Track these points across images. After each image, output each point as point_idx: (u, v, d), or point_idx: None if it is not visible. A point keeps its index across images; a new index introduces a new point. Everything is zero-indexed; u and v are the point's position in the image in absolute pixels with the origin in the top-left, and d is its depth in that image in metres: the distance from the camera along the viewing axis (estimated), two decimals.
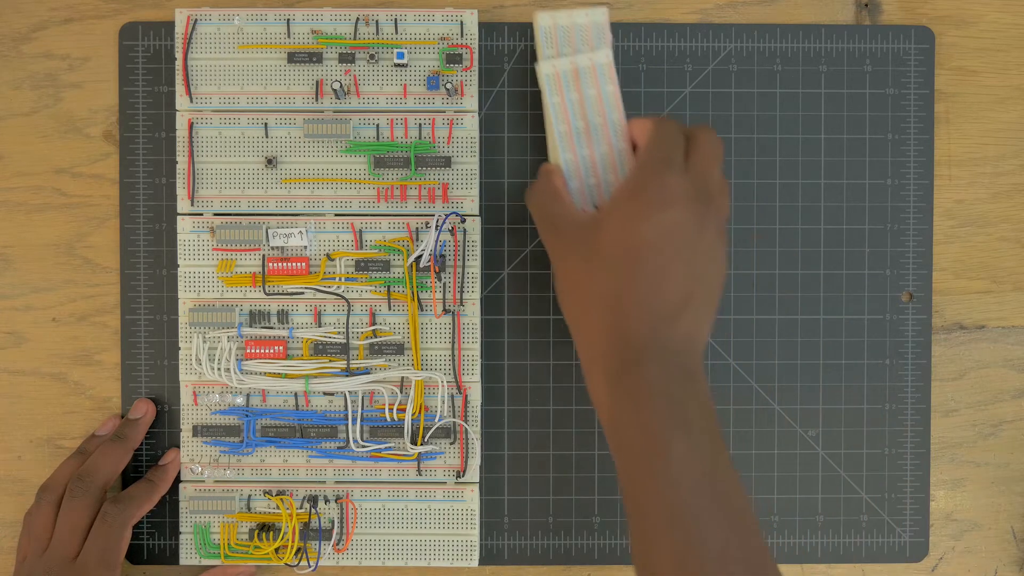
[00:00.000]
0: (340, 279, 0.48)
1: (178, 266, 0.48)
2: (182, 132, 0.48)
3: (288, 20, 0.47)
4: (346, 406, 0.48)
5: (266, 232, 0.47)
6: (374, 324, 0.48)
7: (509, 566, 0.50)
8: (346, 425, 0.48)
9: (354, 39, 0.47)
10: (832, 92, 0.50)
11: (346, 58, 0.47)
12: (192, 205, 0.48)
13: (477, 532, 0.48)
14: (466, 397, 0.48)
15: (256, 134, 0.48)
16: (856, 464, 0.50)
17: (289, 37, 0.47)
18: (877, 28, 0.50)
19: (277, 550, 0.48)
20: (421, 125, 0.48)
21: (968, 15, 0.50)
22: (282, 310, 0.48)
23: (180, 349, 0.48)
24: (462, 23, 0.47)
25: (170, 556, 0.49)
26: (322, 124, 0.47)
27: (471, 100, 0.48)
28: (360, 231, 0.48)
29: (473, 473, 0.48)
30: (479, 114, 0.48)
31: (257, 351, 0.47)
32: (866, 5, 0.50)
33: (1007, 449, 0.51)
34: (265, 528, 0.48)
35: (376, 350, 0.48)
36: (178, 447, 0.49)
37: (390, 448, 0.48)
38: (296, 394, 0.48)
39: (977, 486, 0.51)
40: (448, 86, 0.47)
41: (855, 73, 0.50)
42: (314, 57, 0.47)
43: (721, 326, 0.50)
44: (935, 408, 0.50)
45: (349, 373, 0.47)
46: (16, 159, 0.50)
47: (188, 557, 0.48)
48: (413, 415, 0.47)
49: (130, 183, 0.49)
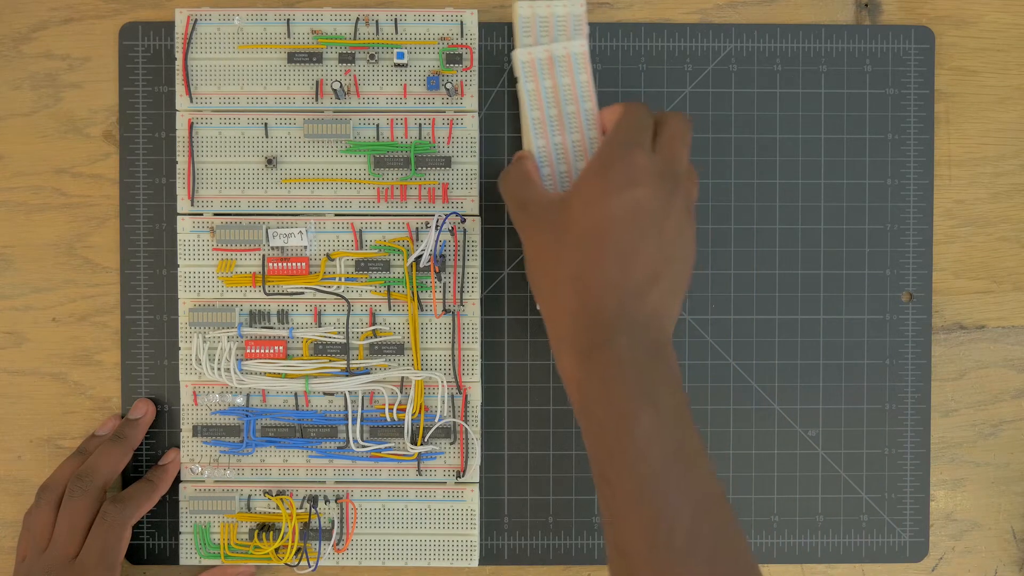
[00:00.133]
0: (340, 279, 0.48)
1: (178, 266, 0.48)
2: (182, 132, 0.48)
3: (288, 20, 0.47)
4: (346, 406, 0.48)
5: (266, 232, 0.47)
6: (374, 324, 0.48)
7: (509, 566, 0.50)
8: (346, 425, 0.48)
9: (354, 39, 0.47)
10: (832, 92, 0.50)
11: (346, 58, 0.47)
12: (192, 205, 0.48)
13: (477, 532, 0.48)
14: (466, 397, 0.48)
15: (256, 134, 0.48)
16: (856, 464, 0.50)
17: (289, 37, 0.47)
18: (877, 28, 0.50)
19: (277, 550, 0.48)
20: (421, 125, 0.48)
21: (968, 15, 0.50)
22: (282, 310, 0.48)
23: (180, 349, 0.48)
24: (462, 23, 0.47)
25: (170, 556, 0.49)
26: (322, 124, 0.47)
27: (471, 100, 0.48)
28: (360, 231, 0.48)
29: (473, 473, 0.48)
30: (479, 114, 0.48)
31: (257, 351, 0.47)
32: (866, 5, 0.50)
33: (1007, 449, 0.51)
34: (265, 528, 0.48)
35: (376, 350, 0.48)
36: (178, 447, 0.49)
37: (390, 448, 0.48)
38: (296, 394, 0.48)
39: (977, 486, 0.51)
40: (448, 86, 0.47)
41: (855, 73, 0.50)
42: (314, 57, 0.47)
43: (721, 326, 0.50)
44: (935, 408, 0.50)
45: (349, 373, 0.47)
46: (16, 159, 0.50)
47: (188, 557, 0.48)
48: (413, 415, 0.47)
49: (130, 183, 0.49)
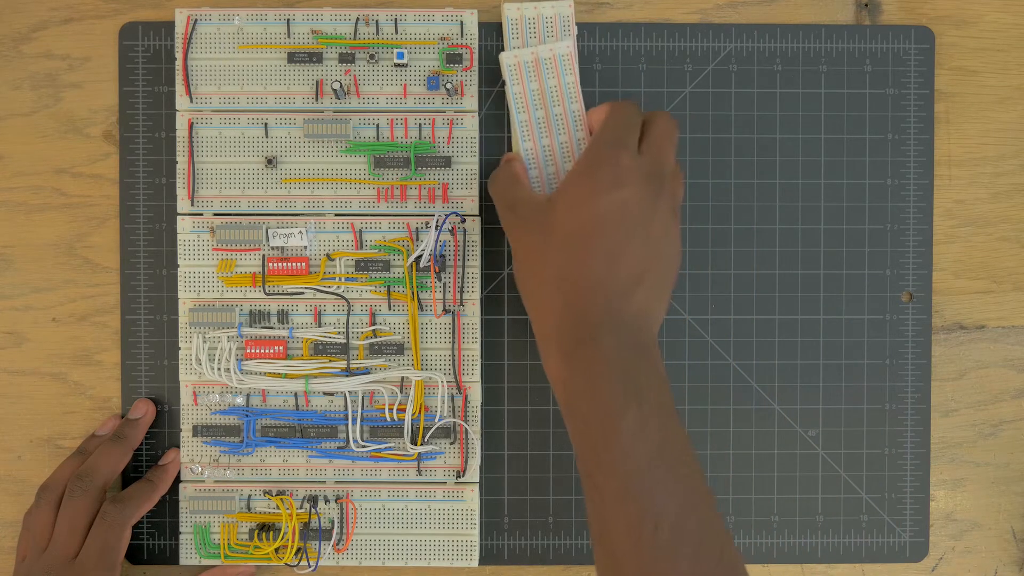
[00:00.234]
0: (340, 279, 0.48)
1: (178, 266, 0.48)
2: (182, 132, 0.47)
3: (288, 20, 0.47)
4: (346, 406, 0.48)
5: (266, 232, 0.47)
6: (374, 324, 0.48)
7: (509, 566, 0.50)
8: (346, 425, 0.48)
9: (354, 39, 0.47)
10: (832, 92, 0.50)
11: (346, 58, 0.47)
12: (192, 205, 0.48)
13: (477, 532, 0.48)
14: (466, 397, 0.48)
15: (256, 134, 0.48)
16: (856, 464, 0.50)
17: (289, 37, 0.47)
18: (877, 28, 0.50)
19: (277, 550, 0.48)
20: (421, 125, 0.48)
21: (968, 15, 0.50)
22: (282, 310, 0.48)
23: (180, 349, 0.48)
24: (462, 23, 0.47)
25: (170, 556, 0.49)
26: (322, 124, 0.47)
27: (471, 100, 0.48)
28: (360, 231, 0.48)
29: (473, 473, 0.48)
30: (479, 114, 0.48)
31: (257, 351, 0.47)
32: (866, 5, 0.50)
33: (1007, 449, 0.51)
34: (265, 528, 0.48)
35: (376, 350, 0.48)
36: (178, 447, 0.49)
37: (390, 448, 0.48)
38: (296, 394, 0.48)
39: (977, 486, 0.51)
40: (448, 86, 0.47)
41: (855, 73, 0.50)
42: (314, 57, 0.47)
43: (721, 326, 0.50)
44: (935, 408, 0.50)
45: (349, 373, 0.47)
46: (16, 159, 0.50)
47: (188, 557, 0.48)
48: (413, 415, 0.47)
49: (130, 183, 0.49)
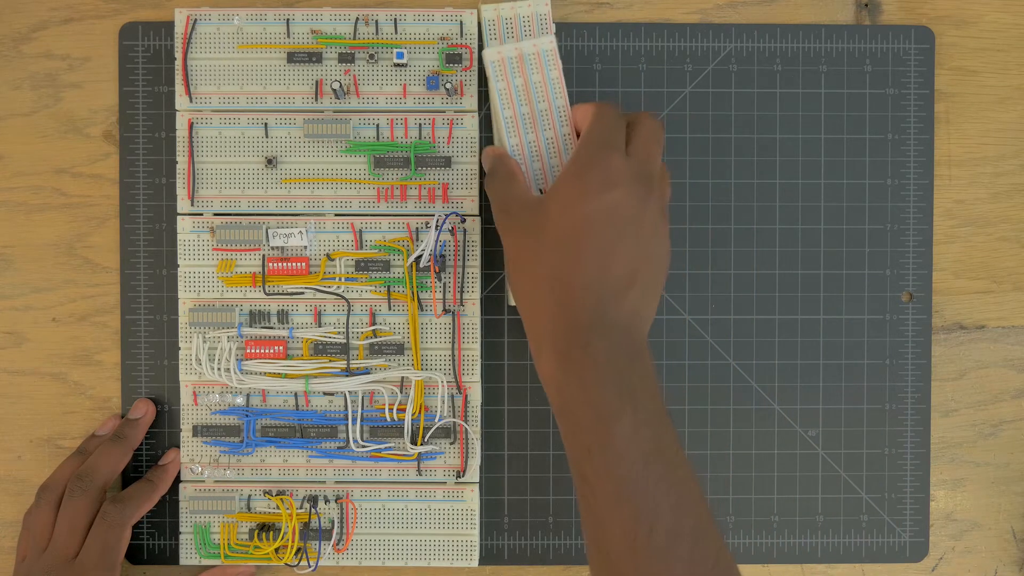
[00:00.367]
0: (340, 279, 0.48)
1: (178, 266, 0.48)
2: (182, 132, 0.47)
3: (288, 20, 0.47)
4: (346, 406, 0.48)
5: (266, 232, 0.47)
6: (374, 324, 0.48)
7: (509, 566, 0.50)
8: (346, 425, 0.48)
9: (354, 39, 0.47)
10: (832, 92, 0.50)
11: (346, 58, 0.47)
12: (192, 205, 0.48)
13: (477, 532, 0.48)
14: (466, 397, 0.48)
15: (256, 134, 0.48)
16: (856, 464, 0.50)
17: (289, 37, 0.47)
18: (877, 28, 0.50)
19: (277, 550, 0.48)
20: (421, 125, 0.48)
21: (968, 15, 0.50)
22: (282, 310, 0.48)
23: (180, 349, 0.48)
24: (462, 23, 0.47)
25: (170, 556, 0.49)
26: (322, 124, 0.47)
27: (471, 100, 0.48)
28: (360, 231, 0.48)
29: (473, 473, 0.48)
30: (479, 114, 0.48)
31: (257, 351, 0.47)
32: (866, 5, 0.50)
33: (1007, 449, 0.51)
34: (265, 528, 0.48)
35: (376, 350, 0.48)
36: (178, 447, 0.49)
37: (390, 448, 0.48)
38: (296, 394, 0.48)
39: (977, 486, 0.51)
40: (448, 86, 0.47)
41: (855, 73, 0.50)
42: (314, 57, 0.47)
43: (721, 326, 0.50)
44: (935, 408, 0.50)
45: (349, 373, 0.47)
46: (16, 159, 0.50)
47: (188, 557, 0.48)
48: (413, 415, 0.47)
49: (130, 183, 0.49)
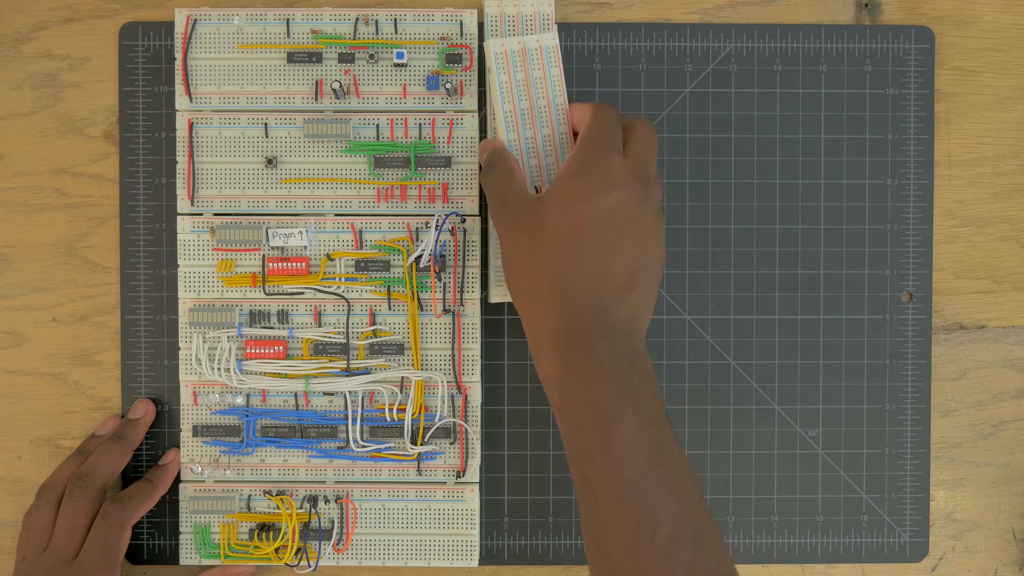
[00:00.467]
0: (340, 279, 0.48)
1: (178, 266, 0.48)
2: (182, 132, 0.47)
3: (288, 20, 0.47)
4: (346, 406, 0.48)
5: (266, 232, 0.47)
6: (374, 324, 0.48)
7: (509, 566, 0.50)
8: (346, 425, 0.48)
9: (354, 39, 0.47)
10: (832, 92, 0.50)
11: (346, 58, 0.47)
12: (192, 205, 0.48)
13: (477, 532, 0.48)
14: (466, 397, 0.48)
15: (256, 134, 0.48)
16: (856, 464, 0.50)
17: (289, 37, 0.47)
18: (877, 28, 0.50)
19: (277, 550, 0.48)
20: (421, 125, 0.48)
21: (968, 15, 0.50)
22: (282, 310, 0.48)
23: (180, 349, 0.48)
24: (461, 23, 0.47)
25: (170, 556, 0.49)
26: (322, 124, 0.47)
27: (471, 100, 0.48)
28: (360, 231, 0.48)
29: (473, 473, 0.48)
30: (479, 114, 0.48)
31: (257, 351, 0.47)
32: (866, 5, 0.50)
33: (1007, 449, 0.51)
34: (265, 528, 0.48)
35: (376, 350, 0.48)
36: (178, 447, 0.49)
37: (390, 448, 0.48)
38: (296, 394, 0.48)
39: (977, 486, 0.51)
40: (448, 86, 0.47)
41: (855, 73, 0.50)
42: (314, 57, 0.47)
43: (721, 326, 0.50)
44: (935, 408, 0.50)
45: (349, 373, 0.47)
46: (16, 159, 0.50)
47: (188, 557, 0.48)
48: (413, 415, 0.47)
49: (130, 183, 0.49)
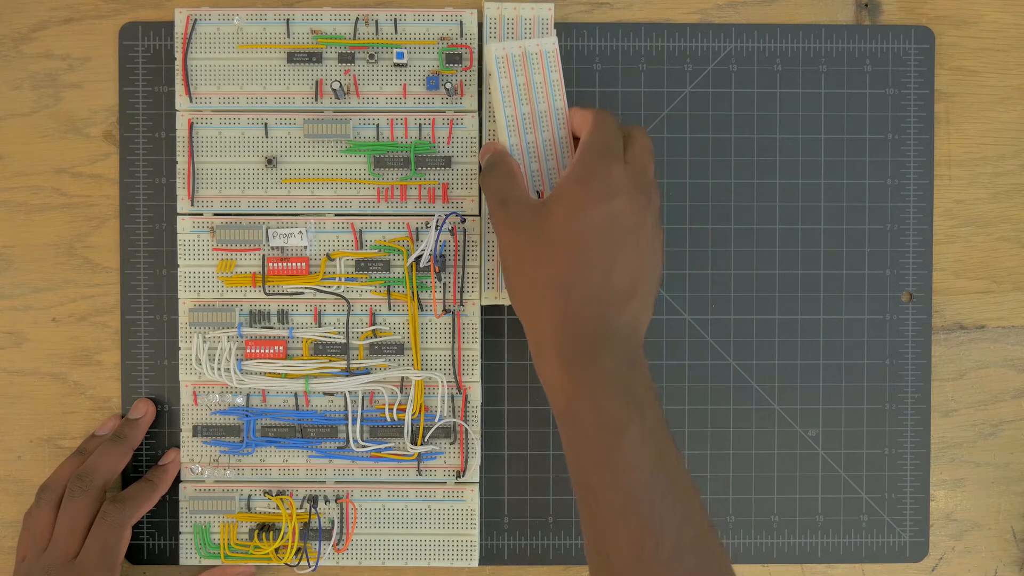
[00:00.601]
0: (340, 279, 0.48)
1: (178, 266, 0.48)
2: (182, 132, 0.47)
3: (288, 20, 0.47)
4: (346, 406, 0.48)
5: (266, 232, 0.47)
6: (374, 324, 0.48)
7: (509, 566, 0.50)
8: (346, 425, 0.48)
9: (354, 39, 0.47)
10: (832, 92, 0.50)
11: (346, 58, 0.47)
12: (192, 205, 0.48)
13: (477, 532, 0.48)
14: (466, 397, 0.48)
15: (256, 134, 0.48)
16: (856, 464, 0.50)
17: (288, 37, 0.47)
18: (877, 28, 0.50)
19: (277, 550, 0.48)
20: (421, 125, 0.48)
21: (968, 15, 0.50)
22: (282, 310, 0.48)
23: (180, 349, 0.48)
24: (461, 23, 0.47)
25: (170, 556, 0.49)
26: (322, 124, 0.47)
27: (471, 100, 0.48)
28: (360, 231, 0.48)
29: (473, 473, 0.48)
30: (479, 114, 0.48)
31: (257, 351, 0.47)
32: (866, 5, 0.50)
33: (1007, 449, 0.51)
34: (265, 528, 0.48)
35: (376, 350, 0.48)
36: (178, 447, 0.49)
37: (390, 448, 0.48)
38: (296, 394, 0.48)
39: (977, 486, 0.51)
40: (448, 86, 0.47)
41: (855, 73, 0.50)
42: (314, 57, 0.47)
43: (721, 326, 0.50)
44: (935, 408, 0.50)
45: (349, 373, 0.47)
46: (16, 159, 0.50)
47: (188, 557, 0.48)
48: (413, 415, 0.47)
49: (130, 183, 0.49)
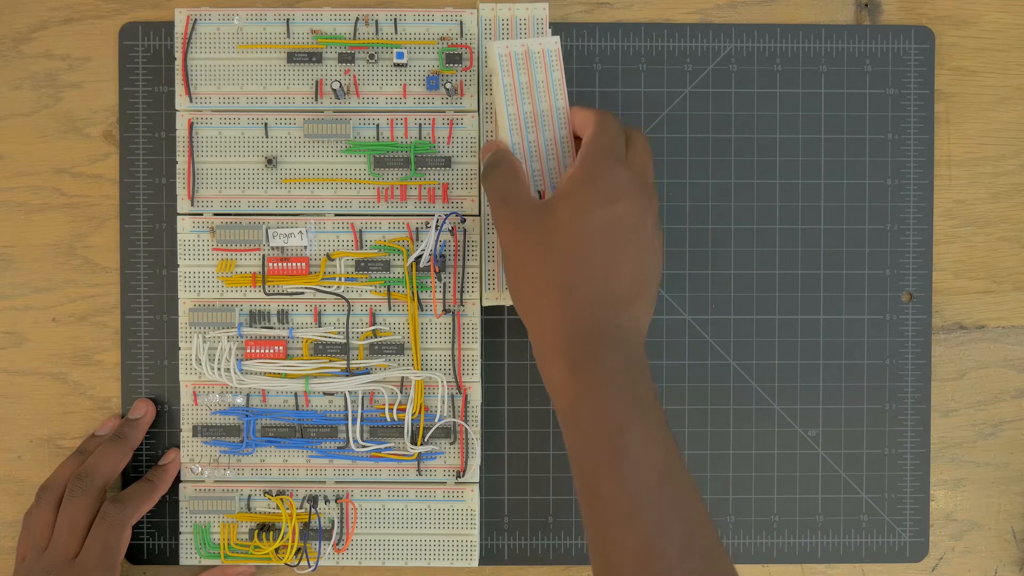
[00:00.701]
0: (340, 279, 0.48)
1: (178, 266, 0.48)
2: (182, 132, 0.47)
3: (288, 20, 0.47)
4: (346, 406, 0.48)
5: (266, 232, 0.47)
6: (374, 324, 0.48)
7: (509, 566, 0.50)
8: (346, 425, 0.48)
9: (353, 39, 0.47)
10: (832, 92, 0.50)
11: (345, 58, 0.47)
12: (192, 205, 0.48)
13: (477, 532, 0.48)
14: (466, 397, 0.48)
15: (256, 134, 0.48)
16: (856, 464, 0.50)
17: (288, 37, 0.47)
18: (877, 28, 0.50)
19: (277, 550, 0.48)
20: (421, 125, 0.48)
21: (968, 15, 0.50)
22: (282, 310, 0.48)
23: (180, 349, 0.48)
24: (461, 23, 0.47)
25: (170, 556, 0.49)
26: (322, 124, 0.47)
27: (471, 100, 0.48)
28: (360, 231, 0.48)
29: (473, 473, 0.48)
30: (479, 114, 0.48)
31: (257, 351, 0.47)
32: (866, 5, 0.50)
33: (1007, 449, 0.51)
34: (265, 528, 0.48)
35: (376, 350, 0.48)
36: (178, 447, 0.49)
37: (390, 448, 0.48)
38: (296, 394, 0.48)
39: (977, 486, 0.51)
40: (448, 86, 0.47)
41: (855, 73, 0.50)
42: (313, 57, 0.47)
43: (721, 326, 0.50)
44: (935, 408, 0.50)
45: (349, 373, 0.47)
46: (16, 159, 0.50)
47: (188, 557, 0.48)
48: (413, 415, 0.47)
49: (130, 183, 0.49)
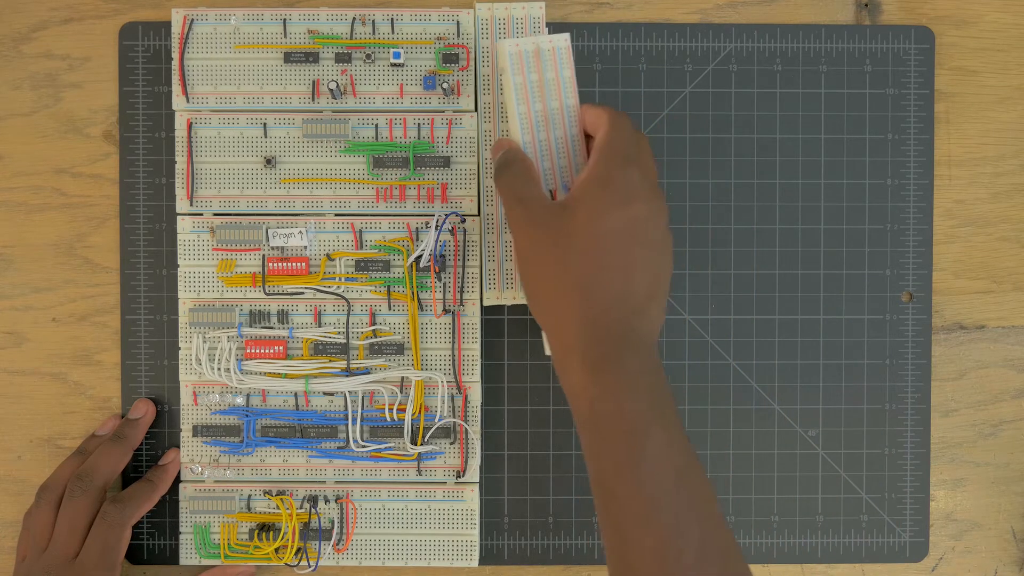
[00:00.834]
0: (340, 279, 0.48)
1: (178, 266, 0.48)
2: (181, 132, 0.47)
3: (284, 20, 0.47)
4: (346, 406, 0.48)
5: (266, 232, 0.47)
6: (374, 324, 0.48)
7: (509, 566, 0.50)
8: (346, 425, 0.48)
9: (350, 39, 0.47)
10: (832, 92, 0.50)
11: (342, 58, 0.47)
12: (192, 205, 0.48)
13: (477, 532, 0.48)
14: (466, 397, 0.48)
15: (255, 134, 0.48)
16: (856, 464, 0.50)
17: (285, 37, 0.47)
18: (877, 28, 0.50)
19: (277, 550, 0.48)
20: (420, 125, 0.47)
21: (968, 15, 0.50)
22: (282, 310, 0.48)
23: (180, 349, 0.48)
24: (458, 23, 0.47)
25: (170, 556, 0.49)
26: (321, 124, 0.47)
27: (467, 100, 0.48)
28: (360, 231, 0.48)
29: (473, 473, 0.48)
30: (478, 114, 0.48)
31: (257, 351, 0.47)
32: (866, 5, 0.50)
33: (1007, 449, 0.51)
34: (265, 528, 0.48)
35: (376, 350, 0.48)
36: (178, 447, 0.49)
37: (390, 448, 0.48)
38: (296, 394, 0.48)
39: (977, 486, 0.51)
40: (444, 86, 0.47)
41: (855, 73, 0.50)
42: (310, 57, 0.47)
43: (721, 326, 0.50)
44: (935, 408, 0.50)
45: (349, 373, 0.47)
46: (16, 159, 0.50)
47: (188, 557, 0.48)
48: (413, 415, 0.47)
49: (130, 183, 0.49)
